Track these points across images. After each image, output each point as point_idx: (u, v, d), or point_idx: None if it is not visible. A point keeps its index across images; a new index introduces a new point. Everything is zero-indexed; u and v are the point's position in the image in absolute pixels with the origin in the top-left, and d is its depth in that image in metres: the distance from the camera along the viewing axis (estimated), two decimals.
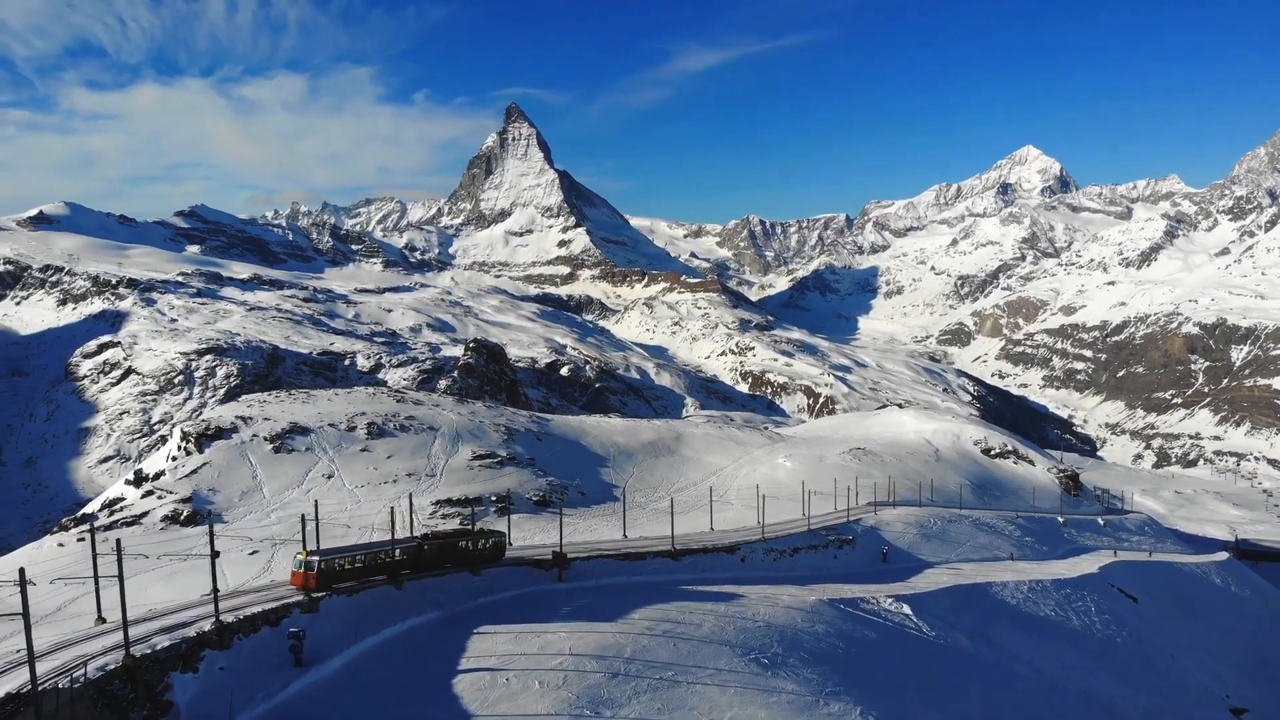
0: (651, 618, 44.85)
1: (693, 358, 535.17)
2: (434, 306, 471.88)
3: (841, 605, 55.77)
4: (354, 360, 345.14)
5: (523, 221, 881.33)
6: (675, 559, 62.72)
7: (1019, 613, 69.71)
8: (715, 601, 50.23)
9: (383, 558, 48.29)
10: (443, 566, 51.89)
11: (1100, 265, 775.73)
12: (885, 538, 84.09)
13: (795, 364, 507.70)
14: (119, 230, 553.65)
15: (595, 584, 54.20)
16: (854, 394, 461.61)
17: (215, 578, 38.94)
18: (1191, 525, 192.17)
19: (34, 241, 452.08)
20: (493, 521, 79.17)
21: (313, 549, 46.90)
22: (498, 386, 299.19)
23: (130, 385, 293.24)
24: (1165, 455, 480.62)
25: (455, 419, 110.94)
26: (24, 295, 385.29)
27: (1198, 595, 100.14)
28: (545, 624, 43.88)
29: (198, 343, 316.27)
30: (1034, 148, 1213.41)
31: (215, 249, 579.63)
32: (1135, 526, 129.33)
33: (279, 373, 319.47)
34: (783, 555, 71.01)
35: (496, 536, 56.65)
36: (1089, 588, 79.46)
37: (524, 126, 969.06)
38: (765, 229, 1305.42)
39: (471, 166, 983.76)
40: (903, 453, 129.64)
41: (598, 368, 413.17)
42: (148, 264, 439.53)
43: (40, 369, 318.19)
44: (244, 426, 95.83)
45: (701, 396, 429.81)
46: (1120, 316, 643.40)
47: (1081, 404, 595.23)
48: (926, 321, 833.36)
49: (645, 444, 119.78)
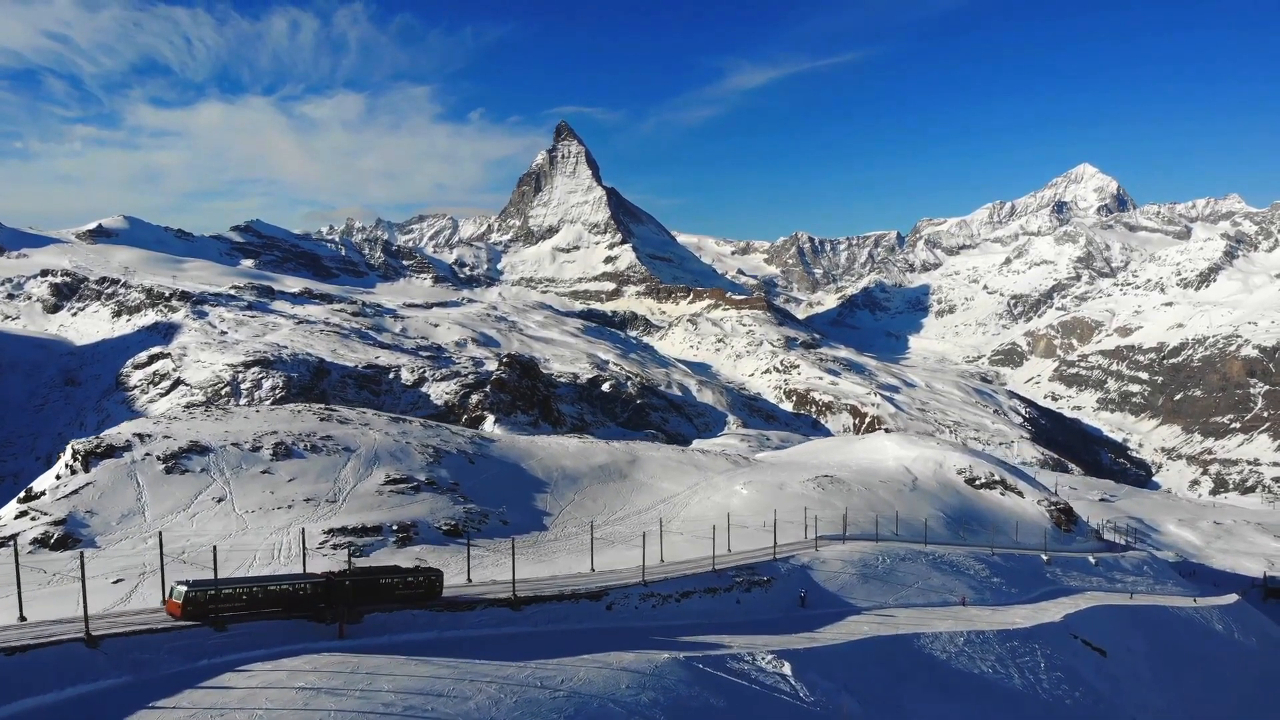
0: (408, 689, 36.57)
1: (736, 375, 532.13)
2: (479, 321, 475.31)
3: (700, 664, 47.75)
4: (399, 374, 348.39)
5: (570, 238, 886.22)
6: (514, 608, 53.65)
7: (947, 670, 61.16)
8: (512, 662, 42.20)
9: (280, 591, 45.80)
10: (360, 606, 48.35)
11: (1157, 286, 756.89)
12: (814, 578, 75.43)
13: (841, 383, 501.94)
14: (175, 244, 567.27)
15: (389, 640, 46.11)
16: (901, 414, 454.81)
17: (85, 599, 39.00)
18: (1227, 559, 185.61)
19: (93, 254, 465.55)
20: (390, 553, 75.46)
21: (198, 579, 46.32)
22: (530, 401, 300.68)
23: (178, 396, 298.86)
24: (1222, 481, 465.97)
25: (379, 439, 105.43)
26: (80, 306, 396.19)
27: (1190, 645, 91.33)
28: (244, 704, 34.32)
29: (245, 355, 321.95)
30: (1090, 165, 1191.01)
31: (269, 263, 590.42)
32: (1132, 566, 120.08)
33: (324, 385, 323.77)
34: (666, 601, 62.02)
35: (430, 574, 53.09)
36: (1043, 639, 70.93)
37: (573, 144, 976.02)
38: (814, 246, 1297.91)
39: (521, 184, 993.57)
40: (875, 481, 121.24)
41: (639, 384, 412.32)
42: (202, 277, 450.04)
43: (93, 379, 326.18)
44: (139, 444, 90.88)
45: (744, 414, 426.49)
46: (1178, 338, 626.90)
47: (1137, 428, 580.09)
48: (978, 341, 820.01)
49: (595, 468, 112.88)
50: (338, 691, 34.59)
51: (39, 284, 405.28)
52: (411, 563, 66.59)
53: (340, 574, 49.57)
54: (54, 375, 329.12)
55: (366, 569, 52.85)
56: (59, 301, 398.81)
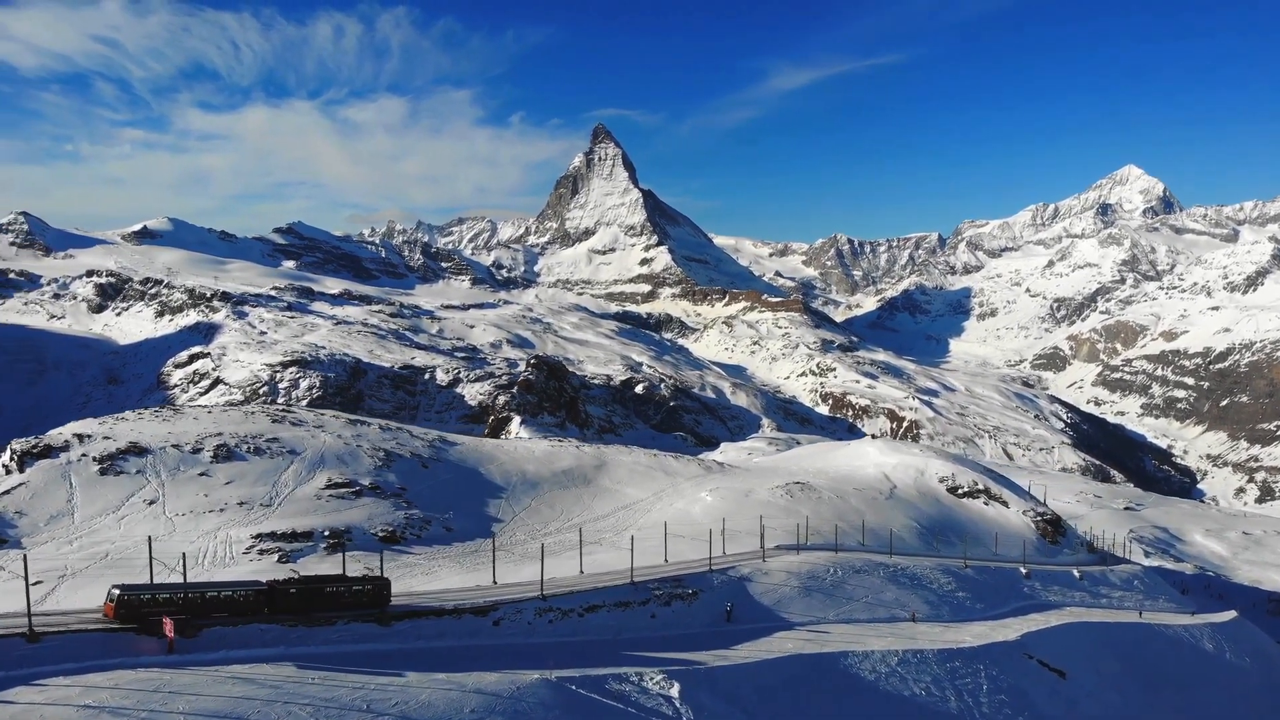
0: (205, 710, 33.55)
1: (771, 378, 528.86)
2: (515, 323, 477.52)
3: (574, 686, 43.69)
4: (434, 374, 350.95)
5: (606, 240, 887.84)
6: (382, 624, 49.80)
7: (873, 692, 56.62)
8: (348, 682, 38.83)
9: (220, 598, 45.58)
10: (308, 613, 47.89)
11: (1204, 289, 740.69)
12: (750, 591, 70.54)
13: (879, 386, 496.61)
14: (219, 245, 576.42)
15: (224, 655, 42.01)
16: (940, 419, 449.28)
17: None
18: (1253, 570, 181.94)
19: (137, 255, 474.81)
20: (319, 560, 73.58)
21: (132, 583, 46.37)
22: (557, 403, 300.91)
23: (218, 395, 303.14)
24: (1269, 489, 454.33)
25: (329, 442, 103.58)
26: (124, 306, 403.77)
27: (1171, 666, 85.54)
28: None
29: (283, 355, 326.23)
30: (1135, 167, 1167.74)
31: (310, 265, 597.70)
32: (1121, 580, 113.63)
33: (360, 385, 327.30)
34: (567, 616, 57.64)
35: (377, 582, 52.27)
36: (991, 659, 65.93)
37: (610, 146, 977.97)
38: (854, 248, 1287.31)
39: (558, 186, 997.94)
40: (848, 489, 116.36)
41: (672, 386, 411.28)
42: (243, 278, 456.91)
43: (135, 378, 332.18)
44: (77, 445, 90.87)
45: (779, 418, 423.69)
46: (1224, 343, 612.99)
47: (1181, 434, 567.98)
48: (1020, 345, 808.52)
49: (558, 473, 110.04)
50: (123, 711, 32.36)
51: (84, 284, 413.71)
52: (360, 570, 65.13)
53: (284, 581, 49.44)
54: (97, 374, 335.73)
55: (312, 577, 52.15)
56: (103, 301, 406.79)
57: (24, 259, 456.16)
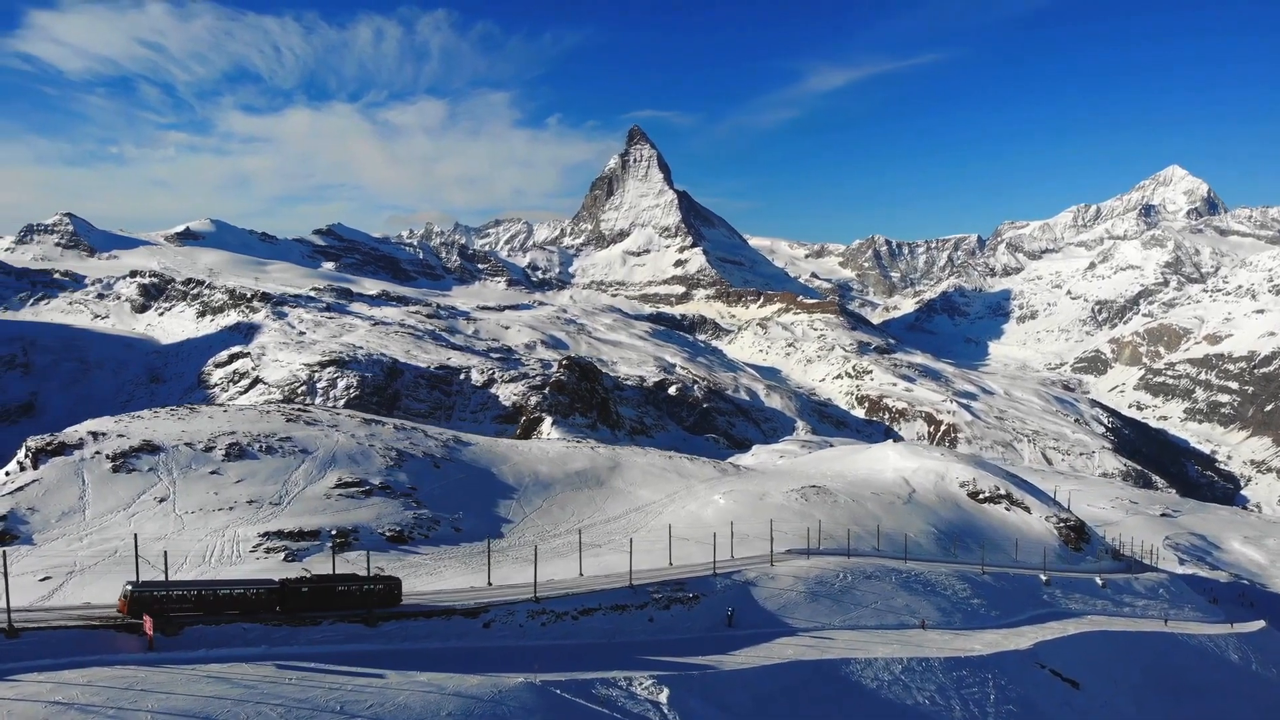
0: (174, 709, 33.00)
1: (806, 380, 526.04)
2: (549, 324, 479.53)
3: (559, 690, 42.60)
4: (469, 374, 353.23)
5: (640, 241, 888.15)
6: (369, 625, 49.24)
7: (874, 700, 54.96)
8: (325, 683, 38.24)
9: (232, 595, 46.12)
10: (321, 612, 48.27)
11: (1249, 292, 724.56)
12: (755, 595, 68.85)
13: (916, 389, 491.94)
14: (259, 247, 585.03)
15: (204, 654, 41.71)
16: (978, 422, 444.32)
17: None
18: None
19: (180, 256, 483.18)
20: (324, 559, 73.20)
21: (146, 579, 47.13)
22: (589, 404, 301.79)
23: (257, 394, 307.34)
24: None
25: (342, 441, 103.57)
26: (167, 307, 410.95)
27: (1193, 676, 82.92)
28: None
29: (322, 355, 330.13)
30: (1179, 168, 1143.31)
31: (349, 266, 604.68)
32: (1146, 588, 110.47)
33: (397, 385, 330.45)
34: (560, 619, 56.61)
35: (389, 582, 52.47)
36: (1000, 668, 63.77)
37: (645, 148, 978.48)
38: (891, 249, 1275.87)
39: (594, 188, 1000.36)
40: (865, 493, 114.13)
41: (706, 388, 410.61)
42: (283, 279, 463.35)
43: (177, 377, 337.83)
44: (91, 443, 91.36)
45: (814, 420, 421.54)
46: (1269, 347, 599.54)
47: (1225, 439, 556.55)
48: (1061, 348, 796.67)
49: (571, 474, 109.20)
50: (90, 708, 31.92)
51: (128, 284, 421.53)
52: (373, 570, 65.06)
53: (297, 580, 49.91)
54: (139, 373, 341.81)
55: (325, 575, 52.26)
56: (146, 301, 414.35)
57: (69, 260, 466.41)
